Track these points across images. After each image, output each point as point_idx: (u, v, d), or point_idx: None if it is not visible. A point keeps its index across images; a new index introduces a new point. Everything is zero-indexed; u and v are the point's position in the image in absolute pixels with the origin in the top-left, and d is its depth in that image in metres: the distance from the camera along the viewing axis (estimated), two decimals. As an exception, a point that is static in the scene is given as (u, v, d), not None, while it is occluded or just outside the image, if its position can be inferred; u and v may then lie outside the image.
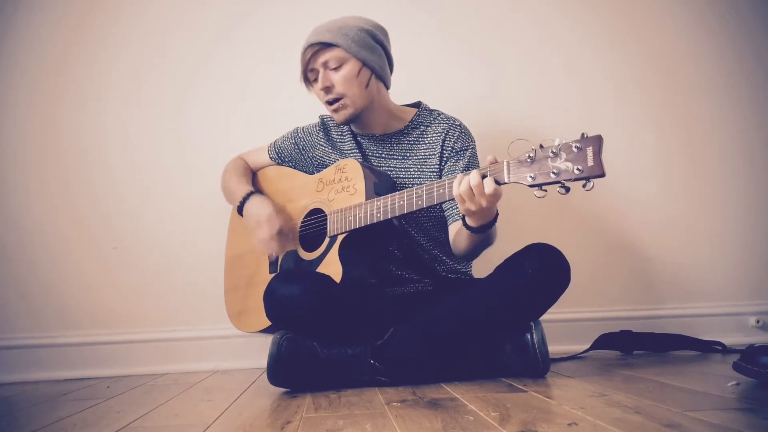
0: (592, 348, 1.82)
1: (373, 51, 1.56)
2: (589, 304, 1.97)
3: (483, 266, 1.59)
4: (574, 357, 1.77)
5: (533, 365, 1.40)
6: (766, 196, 2.05)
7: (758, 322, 1.96)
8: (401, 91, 1.71)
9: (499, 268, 1.46)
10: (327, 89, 1.55)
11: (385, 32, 1.63)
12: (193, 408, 1.30)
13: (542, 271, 1.39)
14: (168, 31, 2.04)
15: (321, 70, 1.55)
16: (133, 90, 2.03)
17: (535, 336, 1.40)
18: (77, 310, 1.95)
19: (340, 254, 1.49)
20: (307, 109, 1.80)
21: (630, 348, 1.81)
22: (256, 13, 2.05)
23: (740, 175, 2.06)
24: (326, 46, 1.53)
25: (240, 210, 1.68)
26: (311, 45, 1.54)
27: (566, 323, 1.92)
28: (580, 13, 2.08)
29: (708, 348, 1.79)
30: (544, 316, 1.47)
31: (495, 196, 1.25)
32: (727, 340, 1.83)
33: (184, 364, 1.91)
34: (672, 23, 2.09)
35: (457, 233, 1.51)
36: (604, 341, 1.82)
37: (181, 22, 2.05)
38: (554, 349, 1.59)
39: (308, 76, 1.59)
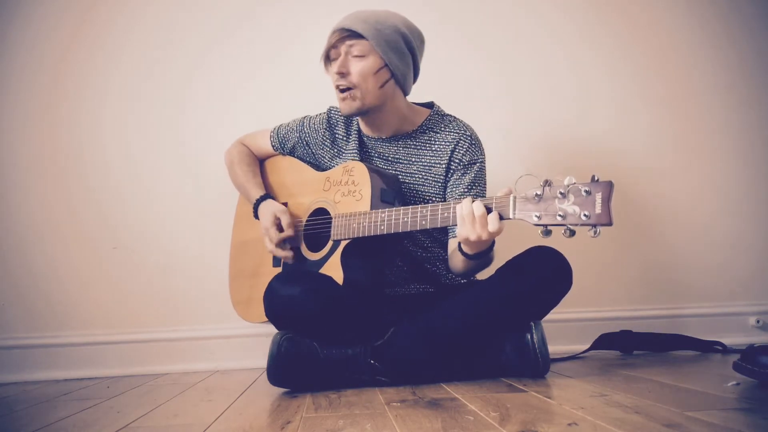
0: (592, 348, 1.82)
1: (401, 56, 1.54)
2: (589, 304, 1.97)
3: (484, 266, 1.59)
4: (574, 357, 1.77)
5: (533, 365, 1.40)
6: (765, 196, 2.05)
7: (758, 322, 1.96)
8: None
9: (501, 270, 1.46)
10: (342, 74, 1.53)
11: (422, 40, 1.59)
12: (193, 408, 1.30)
13: (544, 274, 1.39)
14: (168, 31, 2.04)
15: (342, 54, 1.53)
16: (132, 89, 2.02)
17: (535, 336, 1.40)
18: (77, 310, 1.95)
19: (342, 260, 1.49)
20: (311, 109, 1.78)
21: (630, 348, 1.81)
22: (258, 13, 2.05)
23: (740, 175, 2.05)
24: (355, 35, 1.51)
25: (255, 213, 1.69)
26: (342, 29, 1.52)
27: (566, 323, 1.92)
28: (582, 13, 2.08)
29: (708, 348, 1.79)
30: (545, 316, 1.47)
31: (497, 232, 1.25)
32: (727, 340, 1.82)
33: (184, 364, 1.91)
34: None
35: (453, 253, 1.50)
36: (604, 341, 1.82)
37: (181, 22, 2.04)
38: (554, 349, 1.58)
39: (330, 56, 1.57)
